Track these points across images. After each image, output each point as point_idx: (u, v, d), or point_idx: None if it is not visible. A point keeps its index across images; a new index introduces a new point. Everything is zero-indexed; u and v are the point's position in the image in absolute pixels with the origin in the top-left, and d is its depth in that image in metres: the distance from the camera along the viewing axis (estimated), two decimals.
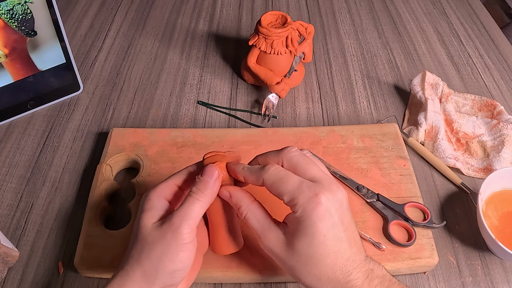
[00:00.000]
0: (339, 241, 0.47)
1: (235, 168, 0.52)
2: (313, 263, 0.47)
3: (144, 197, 0.51)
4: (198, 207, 0.48)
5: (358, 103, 0.88)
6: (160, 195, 0.51)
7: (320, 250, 0.47)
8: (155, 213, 0.49)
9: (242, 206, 0.51)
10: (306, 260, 0.47)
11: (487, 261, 0.66)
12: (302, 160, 0.50)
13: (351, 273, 0.47)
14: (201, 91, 0.90)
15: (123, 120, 0.84)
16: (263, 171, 0.50)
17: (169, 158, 0.72)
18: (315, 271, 0.47)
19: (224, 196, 0.52)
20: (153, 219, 0.48)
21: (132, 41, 1.01)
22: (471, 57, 1.00)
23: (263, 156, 0.53)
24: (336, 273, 0.47)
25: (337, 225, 0.47)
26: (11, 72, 0.78)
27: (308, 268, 0.48)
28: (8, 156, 0.77)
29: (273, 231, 0.50)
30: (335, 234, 0.47)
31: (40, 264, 0.64)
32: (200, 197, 0.49)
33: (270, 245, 0.50)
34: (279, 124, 0.84)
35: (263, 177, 0.49)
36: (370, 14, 1.12)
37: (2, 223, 0.68)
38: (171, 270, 0.47)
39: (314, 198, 0.46)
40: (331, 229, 0.47)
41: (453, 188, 0.75)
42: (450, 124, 0.81)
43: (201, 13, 1.10)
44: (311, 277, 0.48)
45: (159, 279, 0.46)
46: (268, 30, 0.81)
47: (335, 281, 0.47)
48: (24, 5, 0.73)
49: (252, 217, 0.51)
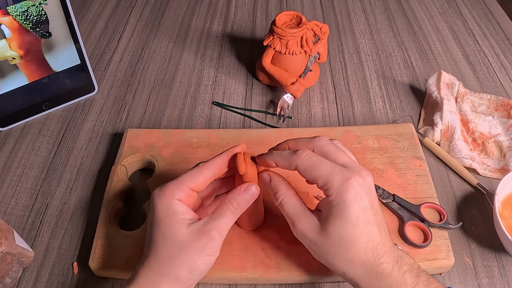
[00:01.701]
0: (370, 224, 0.49)
1: (265, 156, 0.54)
2: (346, 245, 0.49)
3: (159, 200, 0.50)
4: (233, 219, 0.51)
5: (374, 103, 0.87)
6: (176, 198, 0.50)
7: (353, 232, 0.48)
8: (180, 219, 0.49)
9: (279, 191, 0.53)
10: (340, 243, 0.49)
11: (504, 263, 0.65)
12: (333, 148, 0.52)
13: (382, 257, 0.48)
14: (216, 91, 0.90)
15: (138, 121, 0.84)
16: (296, 156, 0.51)
17: (184, 159, 0.72)
18: (348, 254, 0.49)
19: (264, 179, 0.55)
20: (183, 223, 0.49)
21: (146, 42, 1.02)
22: (486, 56, 0.99)
23: (294, 141, 0.55)
24: (368, 255, 0.48)
25: (368, 208, 0.49)
26: (26, 73, 0.78)
27: (342, 251, 0.49)
28: (23, 157, 0.78)
29: (307, 217, 0.51)
30: (366, 217, 0.49)
31: (55, 264, 0.64)
32: (237, 211, 0.52)
33: (305, 230, 0.51)
34: (294, 124, 0.84)
35: (296, 162, 0.51)
36: (385, 13, 1.11)
37: (18, 224, 0.69)
38: (202, 271, 0.49)
39: (346, 182, 0.48)
40: (363, 212, 0.49)
41: (469, 188, 0.74)
42: (466, 124, 0.80)
43: (216, 14, 1.10)
44: (344, 261, 0.49)
45: (192, 279, 0.49)
46: (283, 30, 0.80)
47: (367, 264, 0.49)
48: (39, 7, 0.73)
49: (288, 203, 0.53)
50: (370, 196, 0.50)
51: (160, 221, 0.49)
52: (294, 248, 0.62)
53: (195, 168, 0.53)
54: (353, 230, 0.48)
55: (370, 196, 0.50)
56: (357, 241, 0.48)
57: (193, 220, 0.50)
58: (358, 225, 0.48)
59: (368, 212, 0.49)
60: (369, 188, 0.50)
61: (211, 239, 0.48)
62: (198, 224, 0.49)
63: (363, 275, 0.49)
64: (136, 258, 0.61)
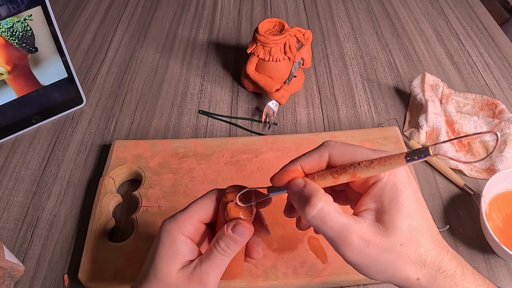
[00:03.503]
0: (426, 209, 0.42)
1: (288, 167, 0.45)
2: (417, 239, 0.40)
3: (166, 233, 0.46)
4: (226, 262, 0.46)
5: (359, 106, 0.88)
6: (184, 233, 0.46)
7: (420, 218, 0.41)
8: (180, 259, 0.45)
9: (317, 196, 0.41)
10: (411, 236, 0.40)
11: (492, 264, 0.66)
12: (347, 145, 0.44)
13: (447, 252, 0.42)
14: (202, 100, 0.91)
15: (126, 131, 0.85)
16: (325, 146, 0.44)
17: (171, 169, 0.73)
18: (419, 249, 0.40)
19: (296, 187, 0.43)
20: (178, 265, 0.45)
21: (133, 53, 1.02)
22: (470, 56, 1.00)
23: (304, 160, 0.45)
24: (436, 248, 0.41)
25: (417, 190, 0.42)
26: (14, 88, 0.79)
27: (413, 248, 0.40)
28: (15, 170, 0.79)
29: (360, 221, 0.41)
30: (421, 200, 0.42)
31: (47, 277, 0.65)
32: (229, 254, 0.45)
33: (367, 237, 0.40)
34: (280, 130, 0.84)
35: (327, 151, 0.43)
36: (369, 16, 1.12)
37: (9, 237, 0.69)
38: None
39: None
40: (417, 193, 0.42)
41: (456, 190, 0.75)
42: (451, 125, 0.81)
43: (201, 22, 1.11)
44: (412, 263, 0.40)
45: None
46: (266, 38, 0.81)
47: (445, 249, 0.41)
48: (24, 22, 0.74)
49: (333, 210, 0.41)
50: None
51: (159, 257, 0.46)
52: (280, 257, 0.63)
53: (205, 197, 0.48)
54: (418, 216, 0.40)
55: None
56: (425, 230, 0.40)
57: (190, 262, 0.46)
58: (420, 209, 0.41)
59: (419, 194, 0.42)
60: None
61: (203, 284, 0.44)
62: (189, 268, 0.45)
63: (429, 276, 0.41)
64: (125, 269, 0.62)
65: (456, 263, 0.41)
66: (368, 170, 0.39)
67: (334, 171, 0.42)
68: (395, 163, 0.38)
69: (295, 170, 0.44)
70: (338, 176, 0.41)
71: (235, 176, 0.72)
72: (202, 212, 0.47)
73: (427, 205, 0.43)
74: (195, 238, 0.47)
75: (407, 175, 0.41)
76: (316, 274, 0.61)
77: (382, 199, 0.41)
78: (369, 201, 0.42)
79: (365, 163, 0.39)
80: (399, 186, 0.40)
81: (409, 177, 0.41)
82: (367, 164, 0.39)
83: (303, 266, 0.62)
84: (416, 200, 0.41)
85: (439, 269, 0.40)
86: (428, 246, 0.40)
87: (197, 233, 0.47)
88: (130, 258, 0.63)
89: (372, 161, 0.39)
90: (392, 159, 0.38)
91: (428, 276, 0.40)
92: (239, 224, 0.45)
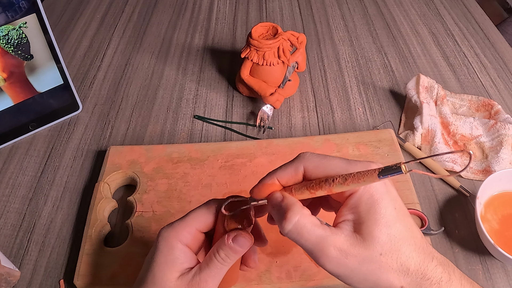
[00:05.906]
0: (407, 215, 0.42)
1: (261, 184, 0.45)
2: (397, 247, 0.40)
3: (164, 241, 0.46)
4: (225, 271, 0.46)
5: (354, 109, 0.88)
6: (182, 241, 0.46)
7: (399, 227, 0.40)
8: (178, 267, 0.46)
9: (293, 210, 0.41)
10: (391, 245, 0.40)
11: (488, 266, 0.66)
12: (321, 157, 0.44)
13: (432, 258, 0.41)
14: (197, 105, 0.91)
15: (121, 137, 0.85)
16: (299, 159, 0.44)
17: (165, 174, 0.73)
18: (401, 257, 0.40)
19: (274, 201, 0.44)
20: (177, 273, 0.45)
21: (129, 59, 1.03)
22: (466, 56, 1.00)
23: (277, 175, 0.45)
24: (419, 255, 0.41)
25: (397, 197, 0.42)
26: (10, 95, 0.80)
27: (394, 256, 0.40)
28: (12, 177, 0.79)
29: (338, 233, 0.41)
30: (401, 207, 0.42)
31: (43, 282, 0.65)
32: (228, 263, 0.46)
33: (345, 248, 0.40)
34: (275, 134, 0.85)
35: (301, 164, 0.43)
36: (364, 19, 1.13)
37: (6, 243, 0.70)
38: None
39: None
40: (396, 201, 0.42)
41: (452, 192, 0.74)
42: (447, 127, 0.81)
43: (197, 28, 1.12)
44: (395, 271, 0.40)
45: None
46: (259, 42, 0.81)
47: (421, 266, 0.41)
48: (19, 30, 0.75)
49: (308, 223, 0.41)
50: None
51: (157, 264, 0.46)
52: (274, 261, 0.63)
53: (204, 206, 0.48)
54: (398, 224, 0.40)
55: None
56: (406, 238, 0.40)
57: (188, 269, 0.46)
58: (400, 218, 0.40)
59: (399, 202, 0.42)
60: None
61: None
62: (188, 276, 0.45)
63: (414, 283, 0.40)
64: (120, 274, 0.62)
65: (442, 270, 0.41)
66: (342, 187, 0.40)
67: (310, 186, 0.42)
68: (368, 180, 0.38)
69: (272, 184, 0.45)
70: (315, 192, 0.42)
71: (229, 181, 0.72)
72: (201, 221, 0.47)
73: (423, 208, 0.43)
74: (193, 246, 0.47)
75: (384, 185, 0.41)
76: (310, 278, 0.61)
77: (359, 210, 0.41)
78: (346, 212, 0.42)
79: (340, 180, 0.40)
80: (375, 197, 0.41)
81: (386, 187, 0.42)
82: (341, 181, 0.40)
83: (297, 270, 0.62)
84: (395, 208, 0.41)
85: (423, 277, 0.40)
86: (410, 254, 0.40)
87: (195, 241, 0.47)
88: (125, 263, 0.63)
89: (346, 178, 0.39)
90: (366, 176, 0.38)
91: (412, 283, 0.40)
92: (240, 235, 0.45)
